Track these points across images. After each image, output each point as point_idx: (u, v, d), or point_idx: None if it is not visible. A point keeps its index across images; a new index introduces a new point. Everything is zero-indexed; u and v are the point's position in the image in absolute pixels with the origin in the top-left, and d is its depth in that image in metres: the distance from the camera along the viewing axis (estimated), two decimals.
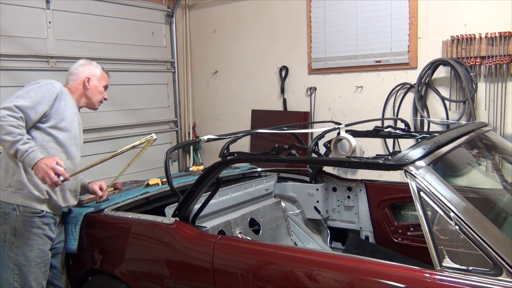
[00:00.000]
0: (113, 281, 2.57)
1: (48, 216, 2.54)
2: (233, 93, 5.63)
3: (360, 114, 4.62)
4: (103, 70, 2.88)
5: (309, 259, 2.02)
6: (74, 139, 2.66)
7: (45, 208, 2.52)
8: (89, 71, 2.79)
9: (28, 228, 2.47)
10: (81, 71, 2.78)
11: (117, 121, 5.04)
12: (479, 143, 2.59)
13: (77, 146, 2.70)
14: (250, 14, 5.36)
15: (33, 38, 4.24)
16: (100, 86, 2.83)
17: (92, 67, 2.82)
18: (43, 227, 2.53)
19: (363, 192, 3.23)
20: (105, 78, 2.88)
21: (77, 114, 2.73)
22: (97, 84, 2.81)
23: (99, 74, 2.83)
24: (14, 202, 2.45)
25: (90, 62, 2.85)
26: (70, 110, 2.63)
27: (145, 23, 5.40)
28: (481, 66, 3.93)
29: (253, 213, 3.13)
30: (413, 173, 1.83)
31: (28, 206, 2.47)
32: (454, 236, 1.75)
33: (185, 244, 2.31)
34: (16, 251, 2.46)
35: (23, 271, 2.46)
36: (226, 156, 2.28)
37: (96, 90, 2.81)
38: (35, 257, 2.49)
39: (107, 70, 2.94)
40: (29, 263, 2.47)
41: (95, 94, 2.82)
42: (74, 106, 2.70)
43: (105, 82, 2.87)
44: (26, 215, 2.47)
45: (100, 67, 2.87)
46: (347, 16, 4.62)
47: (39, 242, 2.51)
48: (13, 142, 2.31)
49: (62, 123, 2.56)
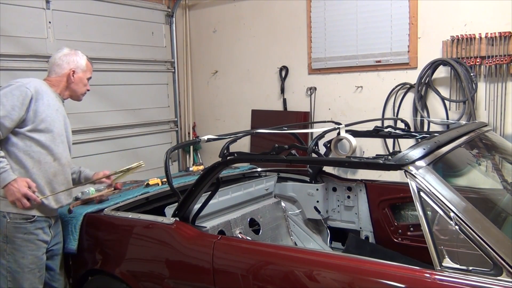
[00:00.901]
0: (113, 281, 2.57)
1: (40, 220, 2.49)
2: (233, 93, 5.63)
3: (360, 114, 4.62)
4: (88, 60, 2.73)
5: (309, 259, 2.02)
6: (59, 137, 2.55)
7: (36, 213, 2.46)
8: (74, 62, 2.64)
9: (19, 235, 2.42)
10: (65, 62, 2.62)
11: (117, 121, 5.04)
12: (479, 143, 2.59)
13: (64, 144, 2.59)
14: (250, 14, 5.36)
15: (33, 38, 4.24)
16: (85, 78, 2.69)
17: (78, 57, 2.67)
18: (36, 232, 2.47)
19: (363, 192, 3.23)
20: (90, 69, 2.74)
21: (60, 110, 2.59)
22: (82, 76, 2.67)
23: (84, 65, 2.68)
24: (3, 210, 2.41)
25: (75, 51, 2.69)
26: (50, 108, 2.49)
27: (145, 23, 5.40)
28: (481, 66, 3.93)
29: (253, 213, 3.13)
30: (413, 173, 1.83)
31: (18, 212, 2.41)
32: (454, 236, 1.75)
33: (185, 244, 2.31)
34: (9, 258, 2.42)
35: (16, 278, 2.43)
36: (226, 156, 2.28)
37: (81, 82, 2.67)
38: (28, 264, 2.45)
39: (107, 70, 2.91)
40: (22, 269, 2.43)
41: (80, 87, 2.68)
42: (55, 102, 2.55)
43: (89, 74, 2.73)
44: (16, 221, 2.42)
45: (85, 57, 2.71)
46: (347, 16, 4.62)
47: (32, 248, 2.46)
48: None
49: (42, 125, 2.44)
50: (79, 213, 2.70)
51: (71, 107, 4.54)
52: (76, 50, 2.71)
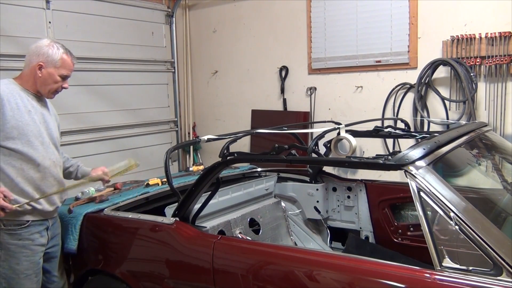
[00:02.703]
0: (113, 281, 2.57)
1: (35, 224, 2.43)
2: (233, 93, 5.63)
3: (360, 114, 4.62)
4: (67, 55, 2.43)
5: (309, 259, 2.02)
6: (36, 140, 2.38)
7: (30, 218, 2.40)
8: (45, 55, 2.37)
9: (13, 241, 2.37)
10: (35, 54, 2.38)
11: (117, 121, 5.04)
12: (479, 143, 2.59)
13: (44, 145, 2.42)
14: (250, 14, 5.36)
15: (33, 38, 4.20)
16: (56, 75, 2.40)
17: (51, 50, 2.38)
18: (32, 237, 2.42)
19: (363, 192, 3.23)
20: (67, 66, 2.43)
21: (34, 109, 2.40)
22: (53, 72, 2.39)
23: (57, 59, 2.39)
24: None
25: (53, 44, 2.42)
26: (21, 111, 2.32)
27: (145, 23, 5.40)
28: (481, 66, 3.93)
29: (253, 213, 3.13)
30: (413, 173, 1.83)
31: (11, 219, 2.34)
32: (454, 236, 1.75)
33: (185, 244, 2.31)
34: (3, 265, 2.37)
35: (12, 284, 2.39)
36: (226, 156, 2.28)
37: (50, 79, 2.40)
38: (24, 270, 2.39)
39: (107, 70, 2.86)
40: (17, 276, 2.38)
41: (48, 84, 2.41)
42: (27, 102, 2.38)
43: (65, 71, 2.43)
44: (10, 228, 2.36)
45: (62, 51, 2.42)
46: (347, 16, 4.62)
47: (27, 254, 2.40)
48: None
49: (14, 132, 2.30)
50: (79, 213, 2.70)
51: (71, 107, 4.59)
52: (56, 43, 2.44)
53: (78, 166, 2.79)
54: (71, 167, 2.77)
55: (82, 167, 2.79)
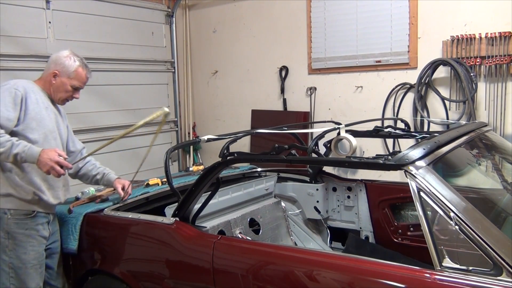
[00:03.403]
0: (113, 281, 2.57)
1: (41, 215, 2.52)
2: (233, 93, 5.63)
3: (360, 114, 4.62)
4: (82, 69, 2.61)
5: (309, 259, 2.02)
6: (51, 134, 2.55)
7: (36, 208, 2.49)
8: (61, 65, 2.56)
9: (21, 231, 2.45)
10: (53, 62, 2.58)
11: (117, 121, 5.03)
12: (479, 143, 2.59)
13: (56, 141, 2.59)
14: (250, 14, 5.36)
15: (33, 38, 4.24)
16: (68, 85, 2.58)
17: (68, 61, 2.57)
18: (37, 228, 2.50)
19: (363, 192, 3.23)
20: (80, 79, 2.61)
21: (50, 108, 2.58)
22: (66, 81, 2.57)
23: (72, 71, 2.57)
24: (3, 207, 2.42)
25: (71, 56, 2.60)
26: (39, 106, 2.50)
27: (145, 23, 5.39)
28: (481, 66, 3.93)
29: (253, 213, 3.13)
30: (413, 173, 1.83)
31: (18, 208, 2.44)
32: (454, 236, 1.75)
33: (185, 244, 2.31)
34: (11, 255, 2.44)
35: (19, 273, 2.45)
36: (226, 156, 2.28)
37: (62, 87, 2.58)
38: (31, 259, 2.47)
39: (107, 70, 2.88)
40: (24, 265, 2.45)
41: (59, 92, 2.59)
42: (44, 100, 2.55)
43: (77, 83, 2.61)
44: (17, 217, 2.44)
45: (78, 64, 2.59)
46: (347, 16, 4.62)
47: (34, 243, 2.49)
48: (6, 150, 2.28)
49: (33, 123, 2.45)
50: (79, 213, 2.70)
51: (72, 107, 4.55)
52: (76, 56, 2.62)
53: (104, 174, 2.87)
54: (98, 174, 2.86)
55: (109, 175, 2.86)
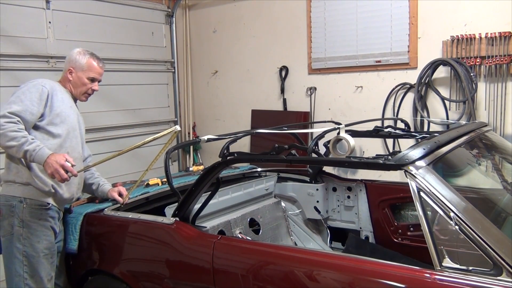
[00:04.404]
0: (113, 281, 2.57)
1: (54, 209, 2.59)
2: (233, 93, 5.63)
3: (360, 114, 4.62)
4: (93, 60, 2.72)
5: (309, 259, 2.02)
6: (73, 132, 2.67)
7: (51, 201, 2.57)
8: (74, 61, 2.69)
9: (35, 220, 2.51)
10: (67, 61, 2.71)
11: (117, 121, 5.03)
12: (479, 143, 2.59)
13: (77, 139, 2.71)
14: (250, 14, 5.36)
15: (33, 38, 4.23)
16: (84, 78, 2.69)
17: (79, 56, 2.69)
18: (50, 219, 2.57)
19: (363, 192, 3.23)
20: (94, 69, 2.72)
21: (73, 107, 2.72)
22: (81, 75, 2.69)
23: (84, 64, 2.68)
24: (20, 195, 2.49)
25: (81, 52, 2.71)
26: (64, 104, 2.62)
27: (145, 23, 5.39)
28: (481, 66, 3.93)
29: (253, 213, 3.13)
30: (413, 173, 1.83)
31: (34, 198, 2.51)
32: (454, 236, 1.75)
33: (185, 244, 2.31)
34: (24, 243, 2.49)
35: (32, 262, 2.50)
36: (226, 156, 2.28)
37: (79, 81, 2.70)
38: (43, 248, 2.53)
39: (107, 70, 2.90)
40: (37, 254, 2.50)
41: (78, 86, 2.71)
42: (68, 99, 2.68)
43: (92, 74, 2.71)
44: (33, 207, 2.51)
45: (89, 56, 2.70)
46: (347, 16, 4.62)
47: (47, 233, 2.55)
48: (19, 145, 2.35)
49: (57, 119, 2.56)
50: (79, 213, 2.71)
51: None
52: (86, 50, 2.73)
53: (99, 184, 2.90)
54: (93, 185, 2.90)
55: (103, 186, 2.89)
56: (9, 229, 2.50)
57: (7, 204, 2.50)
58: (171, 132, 2.50)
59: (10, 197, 2.51)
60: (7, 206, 2.50)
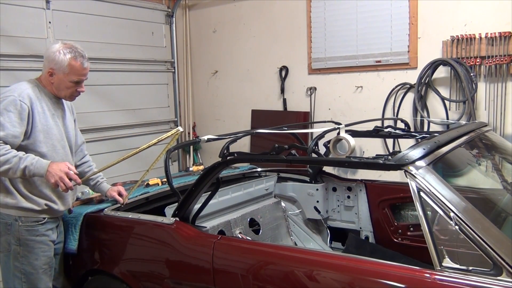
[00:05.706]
0: (113, 281, 2.57)
1: (50, 221, 2.52)
2: (233, 93, 5.63)
3: (360, 114, 4.62)
4: (75, 60, 2.37)
5: (309, 259, 2.02)
6: (59, 143, 2.48)
7: (46, 215, 2.49)
8: (53, 62, 2.36)
9: (31, 237, 2.44)
10: (47, 59, 2.40)
11: (117, 121, 5.03)
12: (479, 143, 2.59)
13: (65, 149, 2.53)
14: (250, 14, 5.36)
15: (33, 38, 4.23)
16: (67, 81, 2.39)
17: (59, 56, 2.35)
18: (47, 233, 2.50)
19: (363, 192, 3.23)
20: (76, 71, 2.39)
21: (57, 112, 2.49)
22: (63, 77, 2.38)
23: (65, 66, 2.35)
24: (15, 214, 2.41)
25: (61, 49, 2.37)
26: (46, 115, 2.41)
27: (145, 23, 5.39)
28: (481, 66, 3.93)
29: (253, 213, 3.13)
30: (413, 173, 1.83)
31: (29, 216, 2.43)
32: (454, 236, 1.75)
33: (185, 244, 2.31)
34: (22, 261, 2.43)
35: (31, 279, 2.45)
36: (226, 156, 2.28)
37: (61, 84, 2.41)
38: (42, 265, 2.47)
39: (107, 70, 2.86)
40: (36, 271, 2.45)
41: (61, 89, 2.43)
42: (50, 105, 2.45)
43: (75, 77, 2.40)
44: (28, 224, 2.43)
45: (69, 57, 2.36)
46: (347, 16, 4.62)
47: (44, 249, 2.49)
48: (14, 166, 2.24)
49: (40, 136, 2.38)
50: (79, 213, 2.70)
51: None
52: (66, 48, 2.38)
53: (98, 181, 2.82)
54: (91, 180, 2.81)
55: (102, 184, 2.82)
56: (6, 246, 2.43)
57: (3, 222, 2.41)
58: (174, 134, 2.47)
59: (5, 215, 2.40)
60: (3, 224, 2.41)
